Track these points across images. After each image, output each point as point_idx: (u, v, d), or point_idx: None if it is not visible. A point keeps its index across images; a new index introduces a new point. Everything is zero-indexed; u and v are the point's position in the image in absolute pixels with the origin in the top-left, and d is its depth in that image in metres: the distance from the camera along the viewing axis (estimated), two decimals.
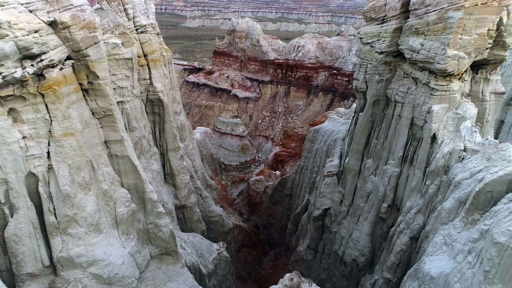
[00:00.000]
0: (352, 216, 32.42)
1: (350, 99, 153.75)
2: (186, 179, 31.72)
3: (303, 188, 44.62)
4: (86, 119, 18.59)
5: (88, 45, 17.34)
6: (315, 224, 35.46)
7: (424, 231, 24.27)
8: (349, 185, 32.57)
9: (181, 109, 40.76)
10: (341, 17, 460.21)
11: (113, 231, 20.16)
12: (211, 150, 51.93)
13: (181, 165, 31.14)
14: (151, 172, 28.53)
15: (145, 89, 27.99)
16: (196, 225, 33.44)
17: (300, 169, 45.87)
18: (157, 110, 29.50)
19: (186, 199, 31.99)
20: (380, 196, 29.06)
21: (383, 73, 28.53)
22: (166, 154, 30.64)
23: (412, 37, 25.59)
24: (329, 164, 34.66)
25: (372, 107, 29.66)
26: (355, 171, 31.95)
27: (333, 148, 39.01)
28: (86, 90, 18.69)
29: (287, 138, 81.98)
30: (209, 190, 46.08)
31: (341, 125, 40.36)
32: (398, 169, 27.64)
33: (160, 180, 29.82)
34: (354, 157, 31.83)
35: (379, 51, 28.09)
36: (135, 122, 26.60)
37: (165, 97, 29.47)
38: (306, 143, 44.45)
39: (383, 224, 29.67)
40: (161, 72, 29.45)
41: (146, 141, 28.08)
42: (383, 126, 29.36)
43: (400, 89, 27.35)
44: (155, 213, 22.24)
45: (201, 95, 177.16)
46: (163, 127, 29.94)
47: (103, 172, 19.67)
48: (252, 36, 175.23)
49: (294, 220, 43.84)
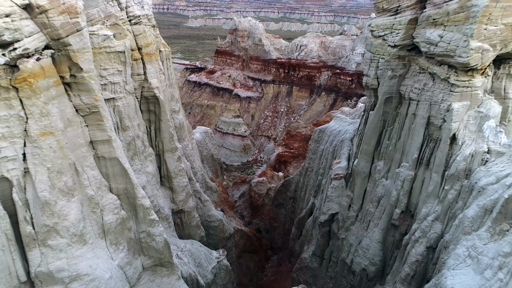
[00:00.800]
0: (361, 222, 30.30)
1: (353, 99, 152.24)
2: (184, 182, 29.68)
3: (308, 191, 42.51)
4: (68, 117, 16.57)
5: (69, 32, 15.31)
6: (321, 230, 33.35)
7: (443, 240, 22.13)
8: (358, 189, 30.46)
9: (179, 107, 38.75)
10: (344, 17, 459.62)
11: (100, 242, 18.13)
12: (212, 150, 49.90)
13: (178, 167, 29.10)
14: (146, 174, 26.49)
15: (139, 85, 25.96)
16: (194, 231, 31.39)
17: (305, 171, 43.74)
18: (152, 108, 27.46)
19: (184, 203, 29.95)
20: (393, 201, 26.94)
21: (396, 68, 26.40)
22: (162, 155, 28.60)
23: (429, 28, 23.46)
24: (336, 166, 32.56)
25: (384, 105, 27.54)
26: (364, 174, 29.84)
27: (340, 149, 36.90)
28: (69, 84, 16.68)
29: (290, 138, 79.90)
30: (209, 192, 44.04)
31: (348, 124, 38.23)
32: (413, 172, 25.52)
33: (156, 183, 27.78)
34: (363, 159, 29.71)
35: (392, 44, 25.98)
36: (128, 121, 24.57)
37: (161, 94, 27.44)
38: (311, 144, 42.33)
39: (395, 231, 27.55)
40: (157, 67, 27.42)
41: (141, 141, 26.05)
42: (396, 126, 27.24)
43: (415, 85, 25.22)
44: (147, 220, 20.20)
45: (202, 95, 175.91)
46: (159, 126, 27.90)
47: (89, 176, 17.65)
48: (254, 35, 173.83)
49: (298, 225, 41.74)
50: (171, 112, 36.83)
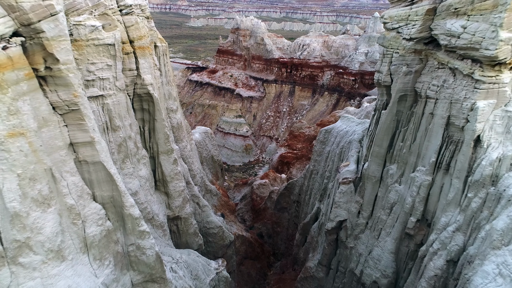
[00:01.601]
0: (371, 230, 28.08)
1: (356, 99, 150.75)
2: (181, 187, 27.53)
3: (313, 195, 40.28)
4: (43, 115, 14.43)
5: (42, 17, 13.17)
6: (328, 237, 31.13)
7: (466, 254, 19.90)
8: (368, 194, 28.24)
9: (177, 106, 36.59)
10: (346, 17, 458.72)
11: (81, 257, 15.98)
12: (212, 151, 47.72)
13: (174, 170, 26.96)
14: (139, 178, 24.36)
15: (131, 82, 23.84)
16: (192, 239, 29.22)
17: (309, 174, 41.51)
18: (146, 107, 25.34)
19: (181, 210, 27.80)
20: (407, 208, 24.72)
21: (411, 63, 24.17)
22: (157, 157, 26.47)
23: (450, 19, 21.22)
24: (344, 170, 30.33)
25: (398, 103, 25.31)
26: (375, 179, 27.61)
27: (347, 151, 34.68)
28: (44, 78, 14.54)
29: (293, 138, 77.69)
30: (209, 195, 41.89)
31: (356, 125, 35.99)
32: (430, 177, 23.28)
33: (150, 188, 25.65)
34: (374, 162, 27.50)
35: (407, 37, 23.75)
36: (118, 120, 22.46)
37: (155, 91, 25.30)
38: (316, 145, 40.10)
39: (410, 241, 25.32)
40: (151, 62, 25.28)
41: (133, 143, 23.92)
42: (411, 127, 25.01)
43: (433, 82, 22.99)
44: (137, 232, 18.03)
45: (204, 94, 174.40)
46: (153, 127, 25.77)
47: (68, 182, 15.50)
48: (256, 34, 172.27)
49: (303, 230, 39.51)
50: (168, 111, 34.73)
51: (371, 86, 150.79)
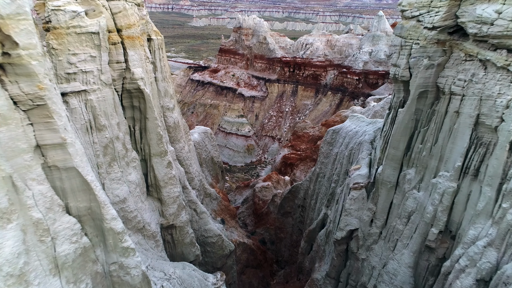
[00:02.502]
0: (386, 241, 25.42)
1: (360, 99, 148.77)
2: (175, 192, 24.97)
3: (319, 200, 37.65)
4: (2, 112, 11.89)
5: None
6: (337, 248, 28.49)
7: (501, 273, 17.21)
8: (382, 201, 25.60)
9: (174, 104, 34.05)
10: (349, 17, 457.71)
11: (51, 281, 13.42)
12: (212, 152, 45.15)
13: (168, 174, 24.40)
14: (128, 184, 21.82)
15: (119, 76, 21.30)
16: (188, 249, 26.66)
17: (316, 177, 38.87)
18: (136, 104, 22.79)
19: (175, 217, 25.23)
20: (428, 218, 22.06)
21: (434, 56, 21.50)
22: (149, 160, 23.92)
23: (481, 3, 18.56)
24: (355, 174, 27.68)
25: (417, 101, 22.64)
26: (391, 184, 24.96)
27: (357, 153, 32.03)
28: (2, 67, 12.00)
29: (297, 139, 75.09)
30: (208, 199, 39.33)
31: (367, 124, 33.33)
32: (455, 183, 20.61)
33: (141, 194, 23.09)
34: (390, 166, 24.84)
35: (429, 26, 21.08)
36: (104, 119, 19.95)
37: (147, 86, 22.76)
38: (323, 146, 37.44)
39: (430, 255, 22.65)
40: (142, 54, 22.74)
41: (121, 144, 21.38)
42: (432, 126, 22.35)
43: (459, 76, 20.33)
44: (119, 249, 15.47)
45: (206, 94, 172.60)
46: (144, 126, 23.22)
47: (34, 192, 12.95)
48: (259, 33, 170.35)
49: (308, 238, 36.89)
50: (164, 109, 32.20)
51: (375, 86, 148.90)
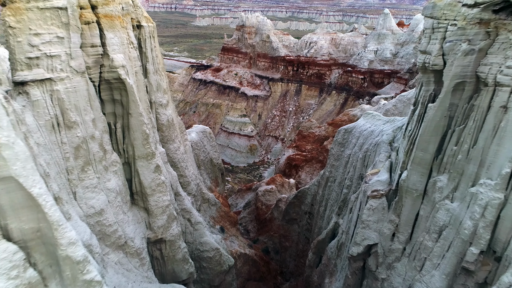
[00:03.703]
0: (411, 259, 21.71)
1: (365, 98, 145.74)
2: (165, 201, 21.37)
3: (329, 207, 33.94)
4: None
5: None
6: (352, 264, 24.81)
7: None
8: (406, 212, 21.88)
9: (168, 100, 30.52)
10: (352, 16, 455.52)
11: None
12: (211, 153, 41.55)
13: (156, 179, 20.81)
14: (106, 192, 18.26)
15: (95, 63, 17.75)
16: (180, 266, 23.05)
17: (325, 181, 35.16)
18: (118, 97, 19.22)
19: (165, 230, 21.64)
20: (465, 234, 18.33)
21: (474, 39, 17.79)
22: (134, 163, 20.35)
23: None
24: (373, 180, 23.98)
25: (452, 94, 18.92)
26: (417, 192, 21.24)
27: (373, 155, 28.34)
28: None
29: (302, 139, 71.40)
30: (206, 205, 35.75)
31: (384, 123, 29.60)
32: (501, 194, 16.89)
33: (122, 204, 19.51)
34: (416, 171, 21.12)
35: (470, 2, 17.39)
36: (75, 114, 16.42)
37: (130, 76, 19.20)
38: (334, 148, 33.74)
39: (468, 279, 18.91)
40: (124, 37, 19.17)
41: (97, 145, 17.82)
42: (470, 125, 18.63)
43: (508, 63, 16.63)
44: (80, 283, 11.85)
45: (208, 93, 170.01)
46: (127, 123, 19.65)
47: None
48: (262, 31, 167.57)
49: (317, 249, 33.20)
50: (157, 105, 28.76)
51: (380, 85, 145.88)
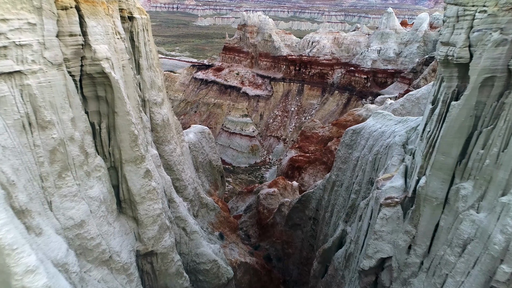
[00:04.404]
0: (430, 274, 19.48)
1: (368, 98, 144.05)
2: (156, 210, 19.22)
3: (335, 213, 31.75)
4: None
5: None
6: (363, 279, 22.59)
7: None
8: (425, 222, 19.66)
9: (163, 98, 28.44)
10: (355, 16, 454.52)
11: None
12: (210, 155, 39.42)
13: (146, 186, 18.66)
14: (88, 201, 16.12)
15: (74, 54, 15.61)
16: (173, 281, 20.89)
17: (331, 185, 32.95)
18: (102, 94, 17.07)
19: (156, 242, 19.49)
20: (496, 250, 16.09)
21: (507, 27, 15.56)
22: (120, 168, 18.20)
23: None
24: (387, 186, 21.77)
25: (479, 91, 16.72)
26: (437, 201, 19.02)
27: (384, 158, 26.14)
28: None
29: (305, 140, 69.22)
30: (205, 211, 33.63)
31: (395, 123, 27.38)
32: None
33: (108, 214, 17.36)
34: (436, 177, 18.90)
35: None
36: (50, 113, 14.28)
37: (116, 70, 17.07)
38: (341, 150, 31.52)
39: None
40: (109, 26, 17.03)
41: (78, 147, 15.67)
42: (500, 126, 16.39)
43: None
44: None
45: (209, 93, 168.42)
46: (113, 123, 17.51)
47: None
48: (264, 30, 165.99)
49: (323, 258, 31.01)
50: (151, 104, 26.72)
51: (384, 85, 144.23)
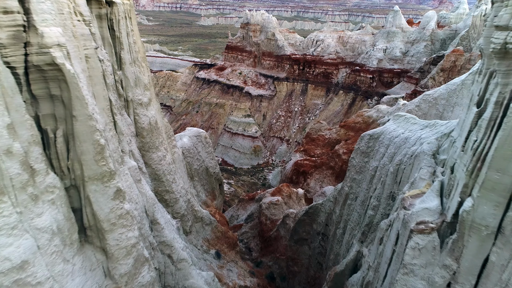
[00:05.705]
0: None
1: (374, 98, 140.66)
2: (130, 239, 15.18)
3: (349, 230, 27.61)
4: None
5: None
6: None
7: None
8: (470, 256, 15.51)
9: (150, 98, 24.43)
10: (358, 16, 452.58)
11: None
12: (207, 161, 35.41)
13: (116, 210, 14.63)
14: (34, 234, 12.12)
15: (13, 39, 11.61)
16: None
17: (343, 198, 28.81)
18: (57, 92, 13.04)
19: (131, 279, 15.47)
20: None
21: None
22: (83, 187, 14.16)
23: None
24: (418, 207, 17.63)
25: None
26: (488, 230, 14.87)
27: (409, 170, 22.00)
28: None
29: (311, 142, 65.11)
30: (199, 225, 29.65)
31: (421, 128, 23.21)
32: None
33: (63, 248, 13.35)
34: (487, 200, 14.75)
35: None
36: None
37: (74, 62, 13.05)
38: (355, 158, 27.38)
39: None
40: (65, 3, 13.00)
41: (18, 163, 11.68)
42: None
43: None
44: None
45: (211, 92, 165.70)
46: (71, 130, 13.47)
47: None
48: (267, 29, 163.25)
49: (334, 283, 26.89)
50: (135, 105, 22.81)
51: (390, 85, 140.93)
